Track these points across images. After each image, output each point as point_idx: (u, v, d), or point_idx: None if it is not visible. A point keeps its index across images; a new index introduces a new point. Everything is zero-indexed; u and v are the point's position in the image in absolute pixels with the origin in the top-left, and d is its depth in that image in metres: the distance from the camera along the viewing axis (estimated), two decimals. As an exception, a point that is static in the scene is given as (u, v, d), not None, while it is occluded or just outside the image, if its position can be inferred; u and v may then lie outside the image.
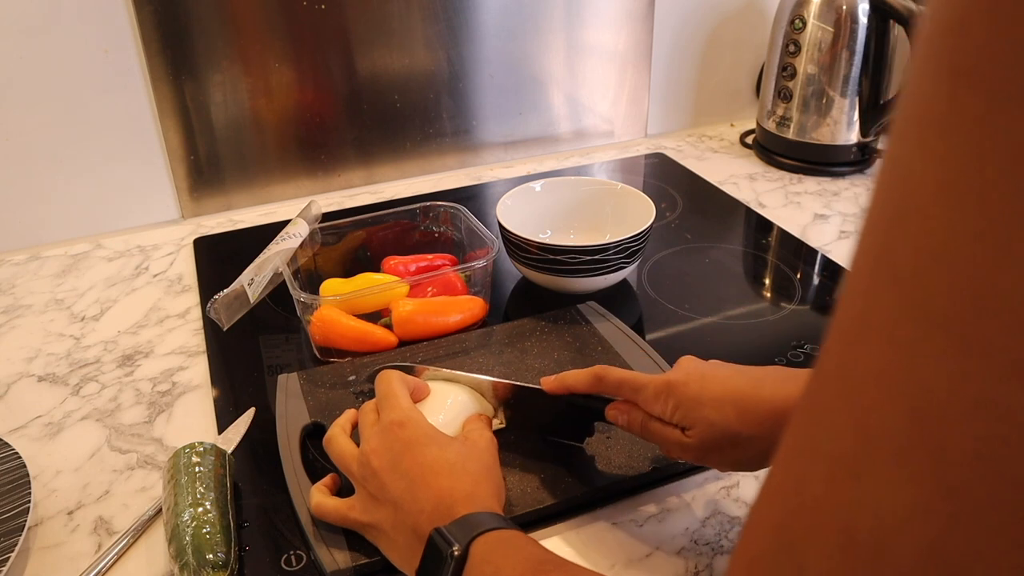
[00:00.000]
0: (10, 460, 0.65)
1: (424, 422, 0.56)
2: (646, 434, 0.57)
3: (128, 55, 0.98)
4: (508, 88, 1.19)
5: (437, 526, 0.48)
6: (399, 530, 0.51)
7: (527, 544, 0.47)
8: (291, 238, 0.88)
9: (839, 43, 1.10)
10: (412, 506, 0.51)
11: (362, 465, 0.55)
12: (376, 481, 0.53)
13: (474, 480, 0.52)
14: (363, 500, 0.54)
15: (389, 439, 0.55)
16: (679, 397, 0.54)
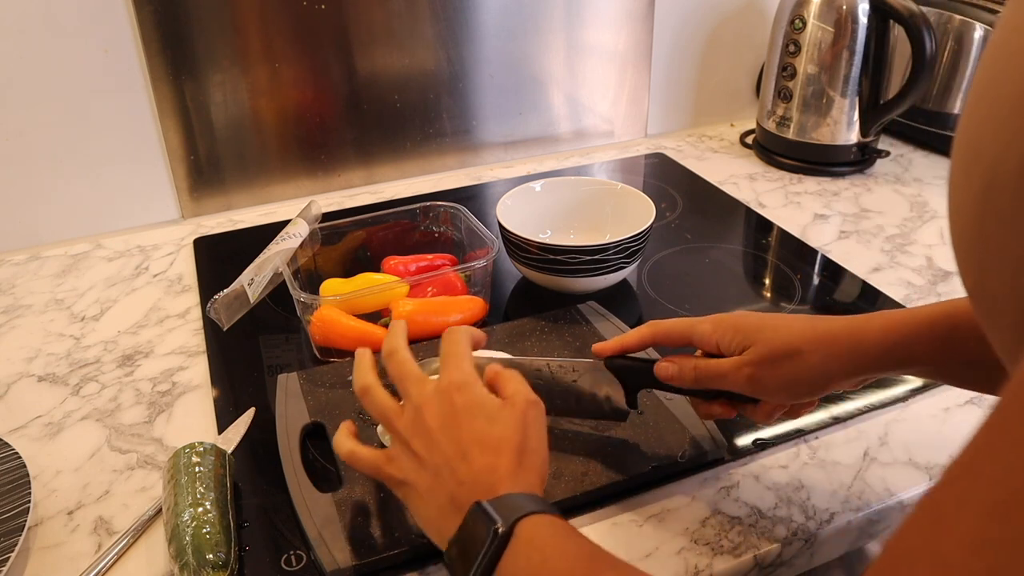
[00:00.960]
0: (10, 460, 0.65)
1: (481, 390, 0.53)
2: (699, 374, 0.58)
3: (128, 55, 0.98)
4: (508, 88, 1.19)
5: (479, 500, 0.47)
6: (434, 494, 0.50)
7: (576, 535, 0.46)
8: (291, 238, 0.88)
9: (839, 43, 1.10)
10: (455, 475, 0.49)
11: (414, 422, 0.52)
12: (425, 440, 0.51)
13: (519, 460, 0.50)
14: (402, 456, 0.52)
15: (445, 400, 0.52)
16: (739, 323, 0.57)
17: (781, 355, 0.55)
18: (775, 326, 0.56)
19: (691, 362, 0.59)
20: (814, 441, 0.69)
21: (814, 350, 0.54)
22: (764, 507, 0.62)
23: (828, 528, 0.61)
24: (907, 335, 0.53)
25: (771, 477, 0.65)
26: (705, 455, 0.65)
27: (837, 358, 0.54)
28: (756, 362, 0.55)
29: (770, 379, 0.55)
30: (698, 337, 0.59)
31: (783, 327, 0.56)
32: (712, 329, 0.58)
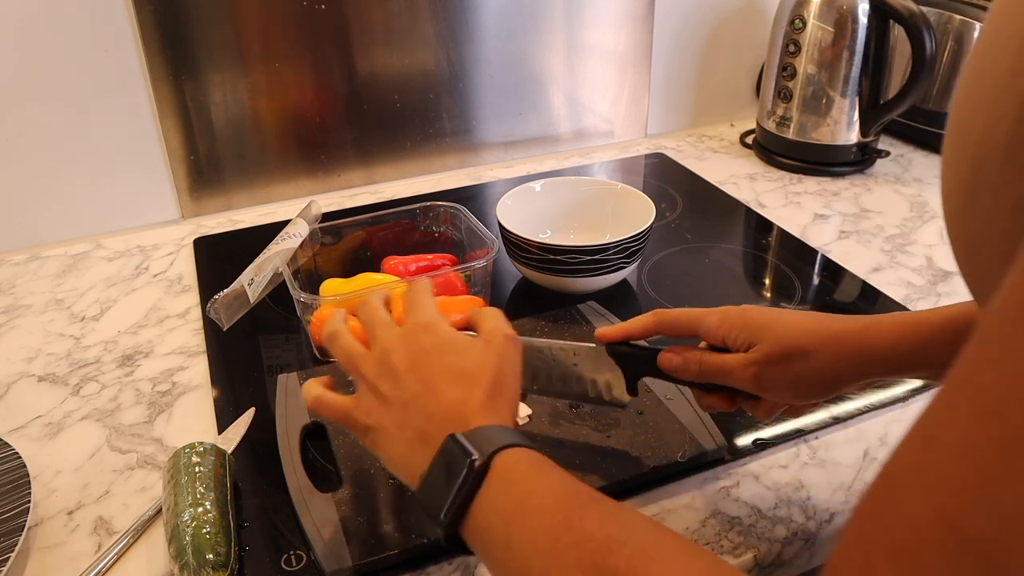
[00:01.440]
0: (10, 460, 0.65)
1: (448, 330, 0.53)
2: (704, 368, 0.57)
3: (128, 55, 0.98)
4: (508, 88, 1.19)
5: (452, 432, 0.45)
6: (403, 431, 0.48)
7: (556, 469, 0.44)
8: (291, 238, 0.88)
9: (839, 43, 1.10)
10: (423, 409, 0.48)
11: (378, 363, 0.51)
12: (391, 380, 0.50)
13: (490, 393, 0.49)
14: (369, 400, 0.50)
15: (411, 340, 0.51)
16: (747, 318, 0.56)
17: (789, 354, 0.54)
18: (784, 323, 0.55)
19: (696, 355, 0.57)
20: (814, 441, 0.69)
21: (823, 350, 0.53)
22: (764, 507, 0.62)
23: (828, 528, 0.61)
24: (920, 337, 0.53)
25: (771, 477, 0.65)
26: (705, 455, 0.65)
27: (846, 359, 0.54)
28: (763, 361, 0.54)
29: (776, 378, 0.55)
30: (704, 329, 0.58)
31: (792, 324, 0.55)
32: (719, 322, 0.57)
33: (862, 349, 0.53)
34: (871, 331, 0.54)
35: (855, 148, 1.16)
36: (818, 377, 0.54)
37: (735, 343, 0.56)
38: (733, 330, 0.56)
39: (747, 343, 0.55)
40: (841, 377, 0.54)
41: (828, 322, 0.55)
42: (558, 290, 0.87)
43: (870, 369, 0.54)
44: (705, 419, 0.67)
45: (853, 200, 1.11)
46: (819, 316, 0.56)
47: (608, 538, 0.38)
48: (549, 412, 0.68)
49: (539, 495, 0.42)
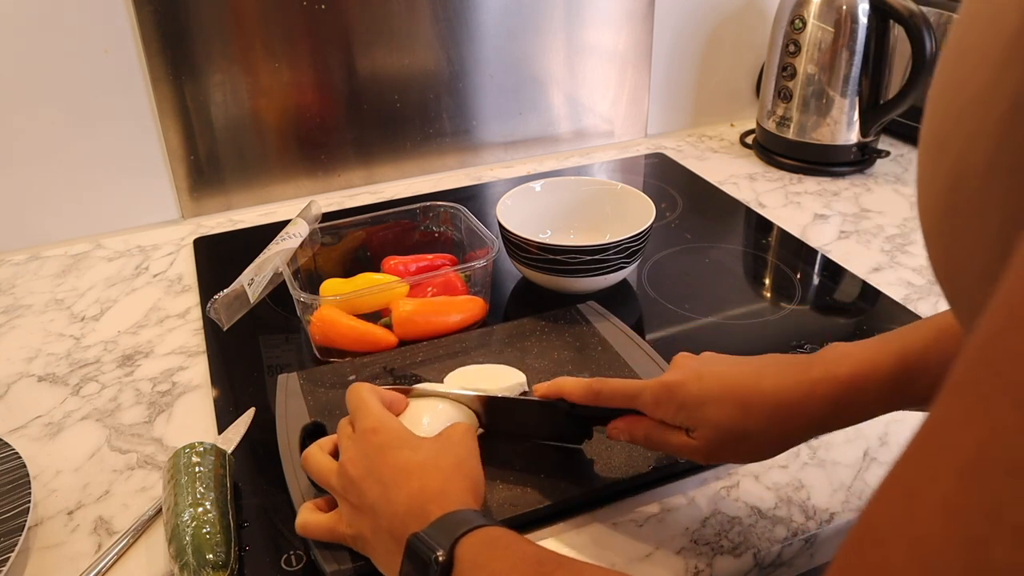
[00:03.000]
0: (10, 460, 0.65)
1: (397, 426, 0.55)
2: (651, 444, 0.57)
3: (128, 55, 0.98)
4: (508, 88, 1.19)
5: (414, 531, 0.46)
6: (379, 536, 0.50)
7: (518, 542, 0.46)
8: (291, 238, 0.88)
9: (839, 43, 1.10)
10: (387, 509, 0.50)
11: (340, 476, 0.54)
12: (355, 490, 0.52)
13: (445, 477, 0.51)
14: (346, 512, 0.53)
15: (363, 446, 0.54)
16: (680, 399, 0.53)
17: (730, 440, 0.53)
18: (717, 401, 0.52)
19: (643, 430, 0.56)
20: (814, 441, 0.69)
21: (763, 429, 0.52)
22: (764, 507, 0.62)
23: (828, 528, 0.61)
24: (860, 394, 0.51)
25: (771, 477, 0.65)
26: (705, 455, 0.65)
27: (789, 431, 0.53)
28: (705, 449, 0.53)
29: (723, 458, 0.56)
30: (641, 406, 0.56)
31: (726, 401, 0.52)
32: (653, 403, 0.55)
33: (803, 420, 0.52)
34: (809, 400, 0.51)
35: (855, 148, 1.16)
36: (763, 449, 0.54)
37: (675, 422, 0.54)
38: (668, 412, 0.54)
39: (686, 425, 0.54)
40: (787, 443, 0.54)
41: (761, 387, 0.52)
42: (558, 290, 0.87)
43: (814, 432, 0.54)
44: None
45: (853, 200, 1.11)
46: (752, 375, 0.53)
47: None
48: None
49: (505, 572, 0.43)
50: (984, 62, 0.25)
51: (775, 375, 0.53)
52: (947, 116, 0.27)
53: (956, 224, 0.27)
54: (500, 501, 0.60)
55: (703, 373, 0.54)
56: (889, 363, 0.51)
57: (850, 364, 0.51)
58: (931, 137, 0.28)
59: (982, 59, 0.26)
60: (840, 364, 0.52)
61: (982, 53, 0.26)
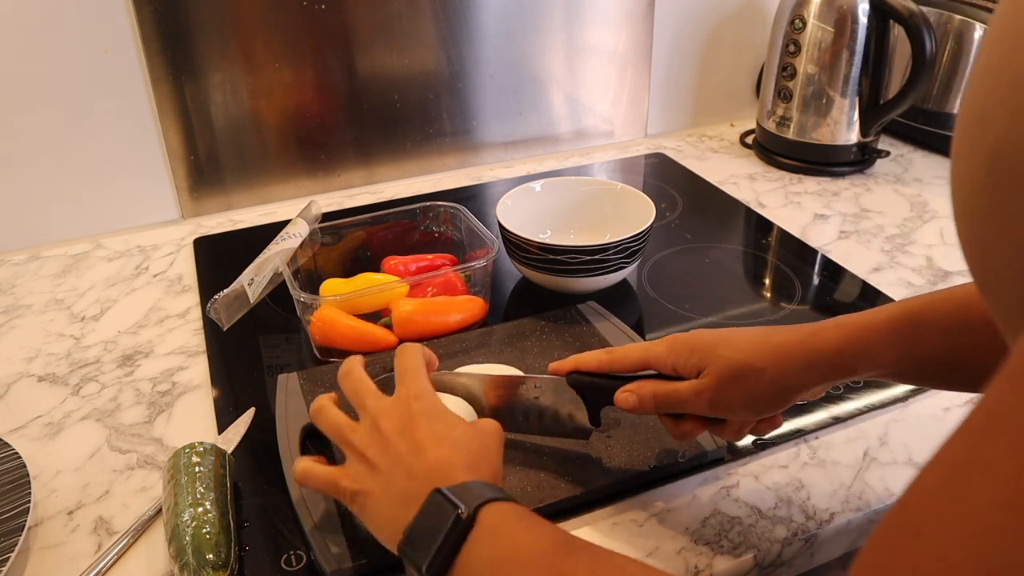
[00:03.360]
0: (10, 460, 0.65)
1: (439, 401, 0.54)
2: (659, 402, 0.57)
3: (128, 55, 0.98)
4: (508, 88, 1.19)
5: (438, 487, 0.45)
6: (387, 493, 0.49)
7: (543, 522, 0.45)
8: (291, 238, 0.88)
9: (839, 43, 1.10)
10: (409, 469, 0.49)
11: (369, 431, 0.52)
12: (381, 446, 0.51)
13: (475, 456, 0.50)
14: (357, 468, 0.51)
15: (402, 407, 0.53)
16: (693, 344, 0.56)
17: (738, 374, 0.54)
18: (729, 343, 0.56)
19: (650, 389, 0.58)
20: (814, 441, 0.69)
21: (769, 365, 0.54)
22: (764, 507, 0.62)
23: (828, 528, 0.61)
24: (863, 339, 0.53)
25: (771, 477, 0.65)
26: (705, 455, 0.65)
27: (794, 370, 0.54)
28: (714, 385, 0.55)
29: (730, 399, 0.55)
30: (654, 360, 0.58)
31: (737, 344, 0.56)
32: (667, 351, 0.57)
33: (807, 358, 0.54)
34: (816, 338, 0.54)
35: (855, 148, 1.16)
36: (770, 390, 0.55)
37: (685, 370, 0.56)
38: (681, 357, 0.56)
39: (696, 368, 0.56)
40: (792, 387, 0.55)
41: (772, 336, 0.56)
42: (558, 290, 0.87)
43: (818, 376, 0.55)
44: (705, 419, 0.67)
45: (853, 200, 1.11)
46: (763, 331, 0.57)
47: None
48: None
49: (527, 545, 0.42)
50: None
51: (785, 330, 0.56)
52: (991, 93, 0.27)
53: (996, 200, 0.27)
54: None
55: (718, 330, 0.58)
56: (892, 312, 0.54)
57: (856, 316, 0.55)
58: (973, 115, 0.28)
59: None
60: (847, 317, 0.55)
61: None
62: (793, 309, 0.87)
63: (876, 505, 0.62)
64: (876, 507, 0.62)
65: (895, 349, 0.53)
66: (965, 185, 0.29)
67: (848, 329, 0.54)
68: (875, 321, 0.54)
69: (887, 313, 0.54)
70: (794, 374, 0.54)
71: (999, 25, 0.28)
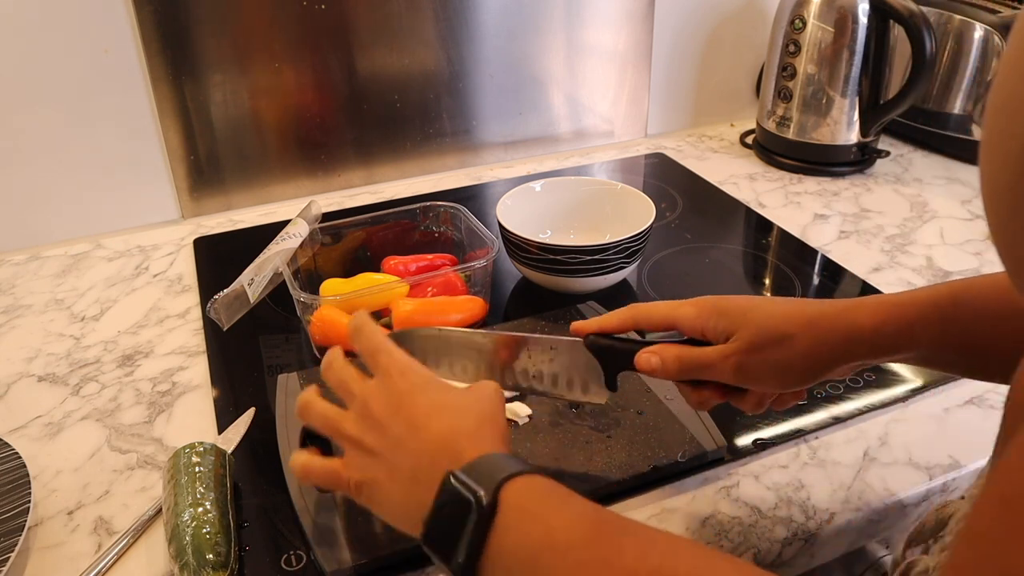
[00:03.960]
0: (10, 460, 0.65)
1: (424, 370, 0.51)
2: (683, 365, 0.54)
3: (128, 55, 0.98)
4: (508, 88, 1.19)
5: (450, 469, 0.42)
6: (395, 478, 0.46)
7: (572, 496, 0.41)
8: (291, 238, 0.88)
9: (839, 43, 1.10)
10: (412, 448, 0.45)
11: (360, 418, 0.49)
12: (375, 430, 0.47)
13: (478, 421, 0.47)
14: (357, 457, 0.48)
15: (389, 386, 0.49)
16: (725, 308, 0.54)
17: (770, 341, 0.51)
18: (762, 309, 0.53)
19: (674, 352, 0.54)
20: (814, 441, 0.69)
21: (804, 334, 0.51)
22: (764, 507, 0.62)
23: (828, 528, 0.61)
24: (904, 318, 0.51)
25: (771, 477, 0.65)
26: (705, 455, 0.65)
27: (828, 343, 0.52)
28: (744, 350, 0.52)
29: (759, 367, 0.52)
30: (681, 322, 0.55)
31: (770, 310, 0.53)
32: (696, 313, 0.55)
33: (845, 330, 0.52)
34: (853, 312, 0.52)
35: (855, 148, 1.16)
36: (801, 362, 0.52)
37: (714, 334, 0.54)
38: (711, 320, 0.54)
39: (725, 333, 0.53)
40: (824, 361, 0.52)
41: (806, 306, 0.53)
42: (558, 290, 0.87)
43: (853, 351, 0.52)
44: (705, 419, 0.67)
45: (853, 200, 1.11)
46: (797, 301, 0.55)
47: (654, 571, 0.36)
48: (549, 412, 0.68)
49: (563, 529, 0.39)
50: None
51: (820, 303, 0.54)
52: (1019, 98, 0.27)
53: None
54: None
55: (750, 296, 0.56)
56: (932, 291, 0.52)
57: (894, 295, 0.53)
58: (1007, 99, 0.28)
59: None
60: (885, 295, 0.54)
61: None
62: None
63: (876, 505, 0.62)
64: (876, 507, 0.62)
65: (934, 328, 0.51)
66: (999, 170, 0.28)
67: (887, 306, 0.52)
68: (915, 299, 0.52)
69: (927, 291, 0.52)
70: (828, 346, 0.52)
71: None
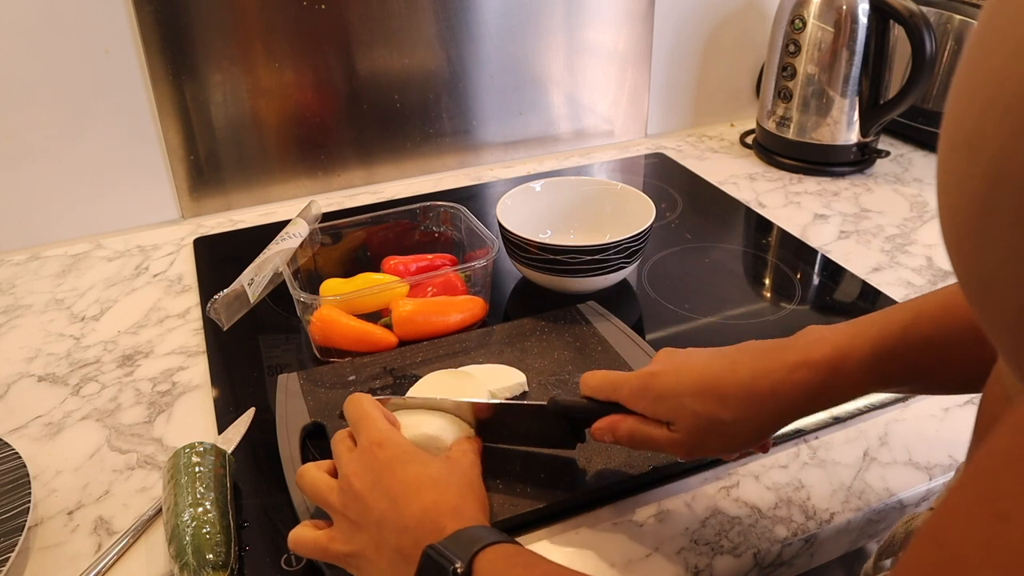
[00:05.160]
0: (10, 460, 0.65)
1: (404, 441, 0.54)
2: (634, 442, 0.56)
3: (128, 55, 0.98)
4: (508, 88, 1.19)
5: (430, 543, 0.45)
6: (382, 552, 0.48)
7: (538, 560, 0.45)
8: (291, 238, 0.88)
9: (839, 43, 1.10)
10: (396, 524, 0.48)
11: (342, 491, 0.52)
12: (358, 505, 0.50)
13: (459, 493, 0.50)
14: (343, 529, 0.51)
15: (368, 460, 0.52)
16: (658, 390, 0.54)
17: (708, 427, 0.52)
18: (695, 391, 0.52)
19: (627, 429, 0.56)
20: (814, 441, 0.69)
21: (742, 417, 0.52)
22: (764, 507, 0.62)
23: (828, 528, 0.61)
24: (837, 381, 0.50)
25: (771, 477, 0.65)
26: (705, 455, 0.65)
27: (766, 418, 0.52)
28: (686, 440, 0.53)
29: (706, 449, 0.54)
30: (622, 398, 0.56)
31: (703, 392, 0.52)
32: (633, 395, 0.55)
33: (781, 406, 0.51)
34: (785, 386, 0.51)
35: (855, 148, 1.16)
36: (743, 438, 0.54)
37: (655, 416, 0.55)
38: (649, 406, 0.55)
39: (666, 418, 0.54)
40: (766, 431, 0.53)
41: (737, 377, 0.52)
42: (558, 290, 0.87)
43: (794, 417, 0.53)
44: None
45: (853, 200, 1.11)
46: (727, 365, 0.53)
47: None
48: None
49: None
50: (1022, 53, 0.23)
51: (750, 363, 0.52)
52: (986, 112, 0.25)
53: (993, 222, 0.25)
54: (500, 501, 0.60)
55: (681, 366, 0.54)
56: (866, 348, 0.50)
57: (826, 349, 0.51)
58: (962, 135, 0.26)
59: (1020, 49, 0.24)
60: (816, 349, 0.51)
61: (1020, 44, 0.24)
62: (793, 309, 0.87)
63: (876, 505, 0.62)
64: (876, 507, 0.62)
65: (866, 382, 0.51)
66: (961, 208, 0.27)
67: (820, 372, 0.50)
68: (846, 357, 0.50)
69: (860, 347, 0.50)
70: (767, 420, 0.52)
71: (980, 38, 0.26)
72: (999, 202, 0.24)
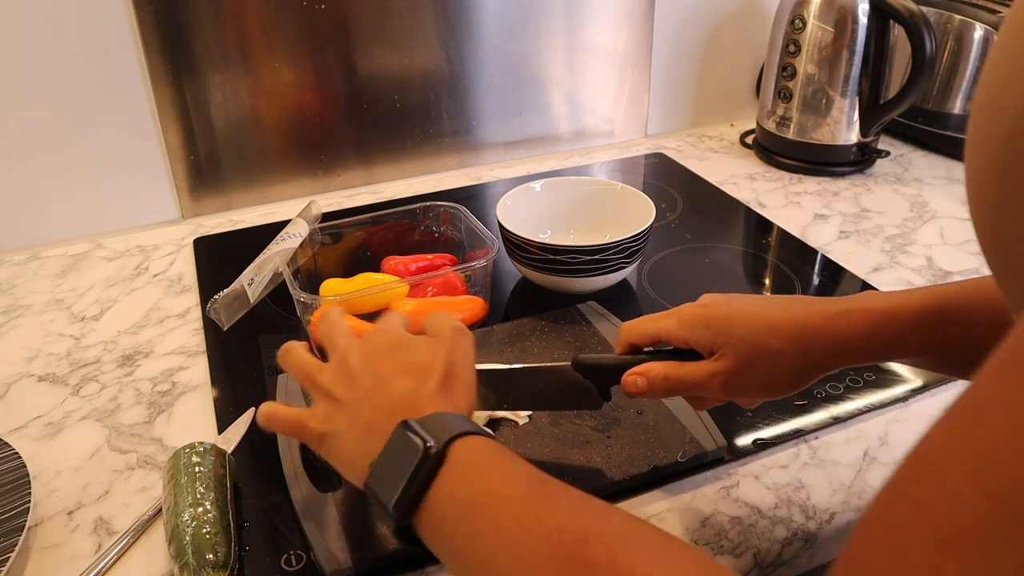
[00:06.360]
0: (10, 460, 0.65)
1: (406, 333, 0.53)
2: (671, 386, 0.55)
3: (128, 55, 0.98)
4: (508, 88, 1.19)
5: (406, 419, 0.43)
6: (353, 427, 0.47)
7: (518, 459, 0.42)
8: (291, 238, 0.88)
9: (839, 43, 1.10)
10: (375, 400, 0.47)
11: (337, 368, 0.50)
12: (347, 381, 0.49)
13: (443, 382, 0.48)
14: (324, 407, 0.49)
15: (368, 342, 0.52)
16: (708, 318, 0.54)
17: (755, 356, 0.52)
18: (745, 320, 0.53)
19: (660, 373, 0.55)
20: (814, 441, 0.69)
21: (789, 348, 0.51)
22: (764, 507, 0.62)
23: (828, 528, 0.61)
24: (893, 328, 0.51)
25: (771, 477, 0.65)
26: (705, 455, 0.65)
27: (815, 354, 0.52)
28: (730, 370, 0.52)
29: (746, 384, 0.53)
30: (665, 335, 0.56)
31: (754, 320, 0.52)
32: (678, 326, 0.55)
33: (832, 342, 0.51)
34: (840, 321, 0.51)
35: (855, 148, 1.16)
36: (787, 375, 0.53)
37: (699, 345, 0.54)
38: (695, 332, 0.54)
39: (710, 346, 0.53)
40: (810, 372, 0.53)
41: (792, 312, 0.53)
42: (558, 290, 0.87)
43: (840, 360, 0.53)
44: (705, 419, 0.67)
45: (853, 200, 1.11)
46: (781, 304, 0.54)
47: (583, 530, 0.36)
48: (549, 412, 0.68)
49: (504, 485, 0.40)
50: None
51: (804, 304, 0.53)
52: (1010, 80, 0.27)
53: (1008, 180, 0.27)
54: (500, 501, 0.60)
55: (733, 299, 0.55)
56: (922, 299, 0.51)
57: (883, 298, 0.52)
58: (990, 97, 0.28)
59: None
60: (873, 298, 0.52)
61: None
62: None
63: (876, 505, 0.62)
64: (876, 507, 0.62)
65: (921, 337, 0.51)
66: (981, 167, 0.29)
67: (875, 315, 0.51)
68: (905, 306, 0.51)
69: (917, 298, 0.51)
70: (815, 357, 0.52)
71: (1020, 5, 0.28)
72: (1014, 159, 0.27)
